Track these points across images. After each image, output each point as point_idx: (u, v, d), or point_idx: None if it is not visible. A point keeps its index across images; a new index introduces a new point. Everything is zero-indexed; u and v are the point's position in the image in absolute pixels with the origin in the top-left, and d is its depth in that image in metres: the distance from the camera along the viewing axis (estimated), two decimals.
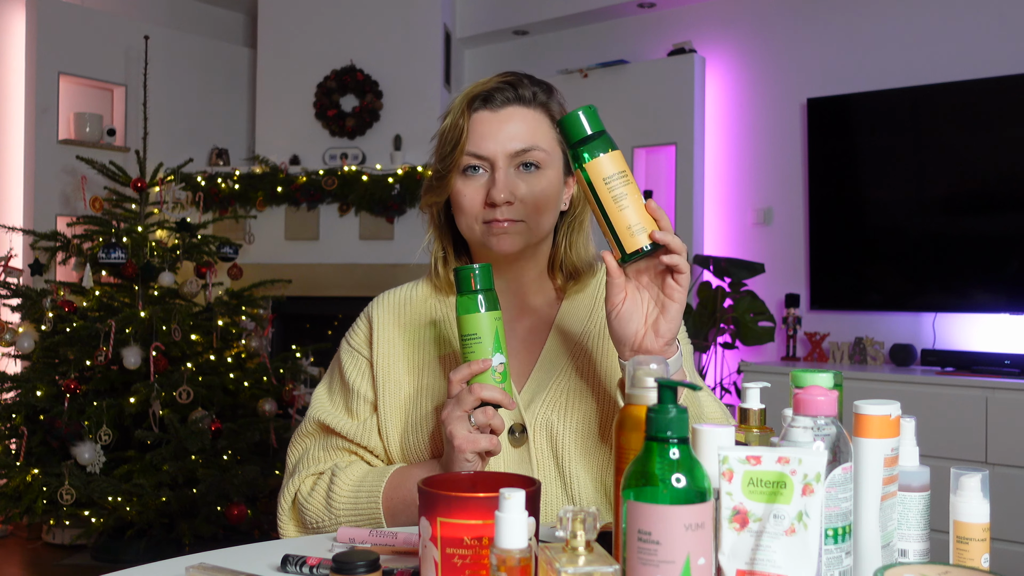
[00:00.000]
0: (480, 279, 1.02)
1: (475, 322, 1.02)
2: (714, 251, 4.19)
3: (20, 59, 4.40)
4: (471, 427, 1.01)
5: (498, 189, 1.11)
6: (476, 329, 1.02)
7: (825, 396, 0.74)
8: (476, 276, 1.02)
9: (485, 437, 1.01)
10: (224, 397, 3.58)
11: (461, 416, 1.01)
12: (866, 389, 3.29)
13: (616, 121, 4.37)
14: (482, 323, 1.02)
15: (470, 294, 1.02)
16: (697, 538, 0.62)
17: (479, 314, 1.02)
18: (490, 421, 1.01)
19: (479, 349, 1.02)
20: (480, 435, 1.01)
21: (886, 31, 3.79)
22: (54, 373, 3.46)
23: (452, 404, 1.02)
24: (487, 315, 1.02)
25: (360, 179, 4.48)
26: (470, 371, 1.02)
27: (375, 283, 4.43)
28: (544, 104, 1.17)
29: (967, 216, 3.48)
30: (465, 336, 1.02)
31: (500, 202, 1.11)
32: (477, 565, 0.73)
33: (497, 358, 1.02)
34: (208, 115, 5.07)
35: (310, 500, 1.17)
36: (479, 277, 1.02)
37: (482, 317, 1.02)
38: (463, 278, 1.02)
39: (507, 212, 1.12)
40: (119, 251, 3.52)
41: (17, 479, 3.31)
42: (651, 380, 0.79)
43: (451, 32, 4.94)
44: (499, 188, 1.11)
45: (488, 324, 1.02)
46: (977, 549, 0.81)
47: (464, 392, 1.01)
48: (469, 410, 1.01)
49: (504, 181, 1.12)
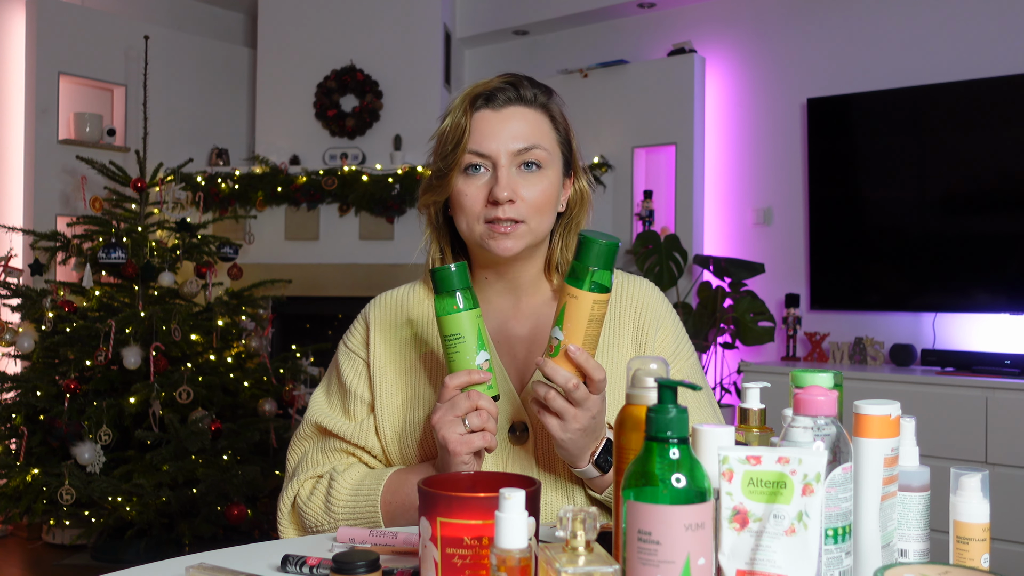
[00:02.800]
0: (457, 278, 1.02)
1: (457, 322, 1.02)
2: (714, 251, 4.19)
3: (20, 59, 4.40)
4: (463, 430, 1.01)
5: (501, 187, 1.11)
6: (459, 329, 1.02)
7: (825, 396, 0.74)
8: (453, 275, 1.02)
9: (479, 436, 1.01)
10: (224, 397, 3.58)
11: (453, 420, 1.01)
12: (866, 389, 3.29)
13: (616, 121, 4.37)
14: (464, 322, 1.02)
15: (449, 293, 1.02)
16: (697, 538, 0.62)
17: (460, 313, 1.02)
18: (485, 424, 1.02)
19: (463, 348, 1.02)
20: (473, 435, 1.01)
21: (886, 31, 3.79)
22: (54, 373, 3.45)
23: (445, 408, 1.02)
24: (468, 314, 1.02)
25: (360, 179, 4.48)
26: (469, 379, 1.02)
27: (375, 283, 4.43)
28: (544, 105, 1.18)
29: (967, 216, 3.47)
30: (448, 336, 1.02)
31: (503, 200, 1.11)
32: (477, 565, 0.73)
33: (482, 356, 1.03)
34: (208, 115, 5.07)
35: (310, 504, 1.17)
36: (456, 276, 1.02)
37: (463, 316, 1.02)
38: (441, 278, 1.02)
39: (509, 211, 1.12)
40: (119, 251, 3.52)
41: (17, 479, 3.31)
42: (651, 380, 0.79)
43: (451, 32, 4.94)
44: (502, 186, 1.11)
45: (470, 322, 1.02)
46: (977, 549, 0.81)
47: (460, 398, 1.01)
48: (463, 415, 1.01)
49: (507, 179, 1.12)
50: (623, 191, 4.35)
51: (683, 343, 1.25)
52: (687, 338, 1.27)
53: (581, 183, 1.23)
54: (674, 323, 1.25)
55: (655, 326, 1.22)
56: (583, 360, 0.98)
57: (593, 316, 0.98)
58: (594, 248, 0.97)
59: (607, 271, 0.98)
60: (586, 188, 1.23)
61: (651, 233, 4.04)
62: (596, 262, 0.97)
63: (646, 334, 1.21)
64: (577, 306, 0.98)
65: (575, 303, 0.98)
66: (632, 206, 4.33)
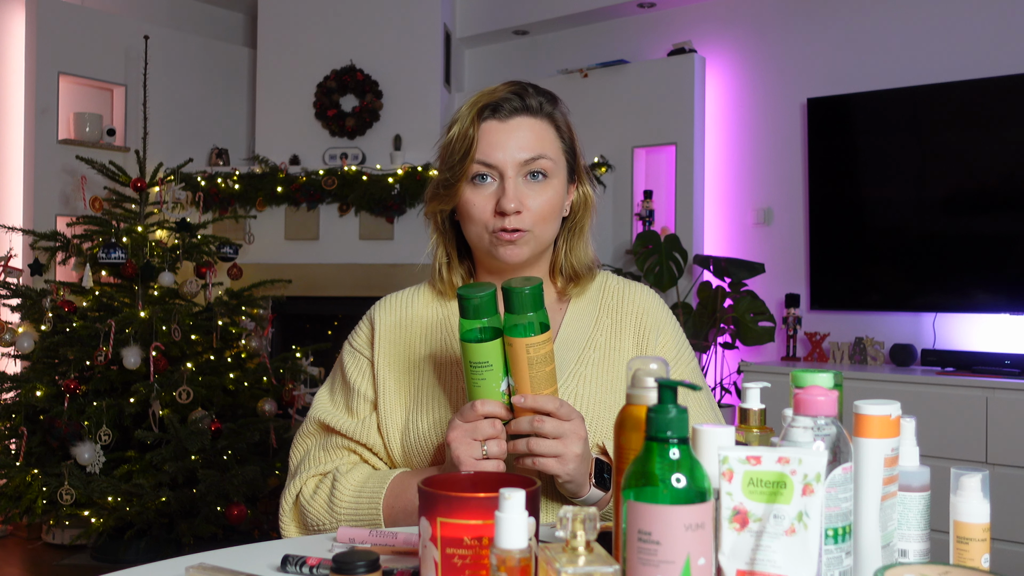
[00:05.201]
0: (488, 306, 1.01)
1: (485, 351, 1.02)
2: (714, 251, 4.19)
3: (20, 59, 4.40)
4: (479, 455, 1.02)
5: (508, 198, 1.13)
6: (487, 357, 1.02)
7: (825, 396, 0.74)
8: (484, 303, 1.01)
9: (492, 463, 1.02)
10: (224, 397, 3.58)
11: (472, 444, 1.02)
12: (866, 389, 3.29)
13: (616, 121, 4.37)
14: (492, 351, 1.02)
15: (478, 320, 1.01)
16: (697, 538, 0.62)
17: (489, 343, 1.01)
18: (501, 456, 1.03)
19: (490, 376, 1.02)
20: (487, 462, 1.02)
21: (886, 31, 3.79)
22: (54, 373, 3.45)
23: (467, 429, 1.02)
24: (496, 342, 1.02)
25: (360, 179, 4.48)
26: (501, 414, 1.03)
27: (375, 283, 4.43)
28: (550, 114, 1.19)
29: (967, 216, 3.47)
30: (475, 363, 1.02)
31: (510, 211, 1.13)
32: (477, 565, 0.73)
33: (505, 383, 1.03)
34: (208, 115, 5.07)
35: (312, 503, 1.18)
36: (486, 304, 1.01)
37: (492, 345, 1.02)
38: (472, 307, 1.01)
39: (515, 221, 1.14)
40: (119, 251, 3.52)
41: (17, 479, 3.31)
42: (651, 380, 0.79)
43: (451, 32, 4.94)
44: (509, 197, 1.13)
45: (497, 351, 1.02)
46: (977, 549, 0.81)
47: (484, 424, 1.02)
48: (483, 440, 1.02)
49: (514, 191, 1.14)
50: (623, 191, 4.35)
51: (684, 349, 1.26)
52: (687, 344, 1.28)
53: (585, 187, 1.25)
54: (674, 329, 1.27)
55: (656, 332, 1.23)
56: (532, 405, 1.01)
57: (532, 359, 1.00)
58: (511, 297, 0.99)
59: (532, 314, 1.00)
60: (589, 192, 1.25)
61: (651, 233, 4.04)
62: (516, 309, 0.99)
63: (647, 340, 1.23)
64: (514, 354, 1.01)
65: (512, 351, 1.01)
66: (632, 206, 4.33)
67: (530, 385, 1.01)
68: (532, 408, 1.01)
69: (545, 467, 1.01)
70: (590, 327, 1.23)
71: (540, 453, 1.01)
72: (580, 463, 1.03)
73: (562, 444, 1.01)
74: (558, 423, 1.01)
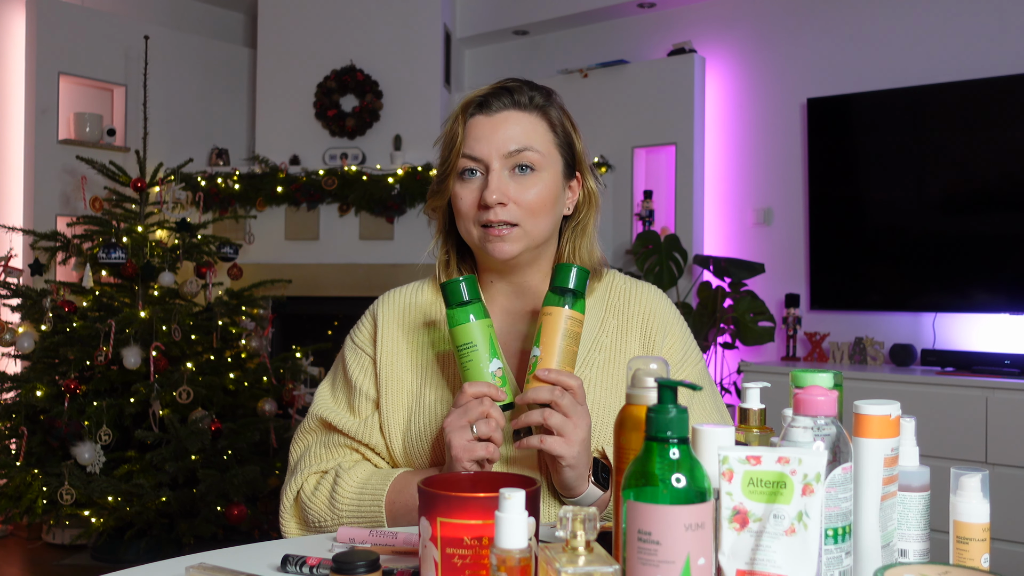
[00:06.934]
0: (467, 291, 1.07)
1: (469, 332, 1.06)
2: (714, 251, 4.19)
3: (20, 59, 4.40)
4: (471, 436, 1.02)
5: (489, 190, 1.12)
6: (471, 338, 1.06)
7: (825, 396, 0.74)
8: (462, 288, 1.07)
9: (482, 445, 1.02)
10: (224, 397, 3.58)
11: (463, 426, 1.03)
12: (866, 389, 3.29)
13: (616, 121, 4.37)
14: (475, 332, 1.06)
15: (460, 306, 1.06)
16: (697, 538, 0.62)
17: (471, 323, 1.06)
18: (492, 433, 1.03)
19: (476, 357, 1.06)
20: (477, 444, 1.02)
21: (886, 31, 3.79)
22: (54, 373, 3.45)
23: (457, 413, 1.04)
24: (479, 323, 1.06)
25: (360, 179, 4.48)
26: (487, 392, 1.04)
27: (375, 283, 4.43)
28: (541, 108, 1.18)
29: (967, 216, 3.47)
30: (461, 346, 1.06)
31: (492, 203, 1.12)
32: (477, 565, 0.73)
33: (495, 364, 1.06)
34: (208, 115, 5.07)
35: (313, 500, 1.17)
36: (466, 288, 1.07)
37: (475, 326, 1.06)
38: (451, 291, 1.07)
39: (500, 214, 1.13)
40: (119, 251, 3.51)
41: (17, 479, 3.31)
42: (651, 380, 0.79)
43: (451, 32, 4.94)
44: (490, 189, 1.12)
45: (482, 332, 1.06)
46: (977, 549, 0.81)
47: (473, 404, 1.03)
48: (473, 421, 1.03)
49: (496, 183, 1.13)
50: (623, 191, 4.35)
51: (691, 349, 1.25)
52: (695, 344, 1.27)
53: (589, 184, 1.23)
54: (682, 329, 1.25)
55: (663, 332, 1.22)
56: (555, 377, 1.02)
57: (567, 331, 1.05)
58: (565, 272, 1.06)
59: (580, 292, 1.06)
60: (594, 189, 1.23)
61: (651, 233, 4.04)
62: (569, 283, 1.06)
63: (654, 340, 1.21)
64: (551, 322, 1.05)
65: (549, 319, 1.05)
66: (632, 206, 4.33)
67: (557, 359, 1.04)
68: (555, 381, 1.03)
69: (551, 447, 1.02)
70: (595, 328, 1.21)
71: (552, 425, 1.01)
72: (583, 450, 1.03)
73: (572, 424, 1.01)
74: (574, 402, 1.02)
